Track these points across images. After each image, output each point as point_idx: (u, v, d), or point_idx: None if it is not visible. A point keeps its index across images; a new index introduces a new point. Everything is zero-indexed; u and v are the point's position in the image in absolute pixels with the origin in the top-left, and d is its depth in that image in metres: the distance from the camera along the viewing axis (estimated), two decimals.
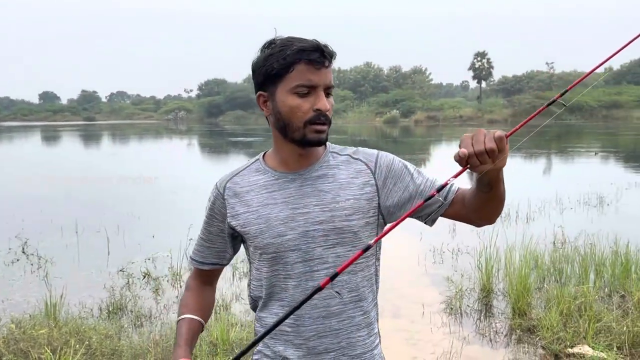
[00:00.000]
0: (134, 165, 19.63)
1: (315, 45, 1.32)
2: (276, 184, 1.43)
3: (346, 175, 1.43)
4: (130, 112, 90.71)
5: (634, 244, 6.32)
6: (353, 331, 1.43)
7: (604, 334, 4.13)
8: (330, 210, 1.39)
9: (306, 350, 1.42)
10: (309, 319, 1.41)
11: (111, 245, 7.47)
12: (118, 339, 4.31)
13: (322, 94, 1.35)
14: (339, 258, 1.39)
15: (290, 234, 1.39)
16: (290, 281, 1.42)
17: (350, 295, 1.43)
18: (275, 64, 1.33)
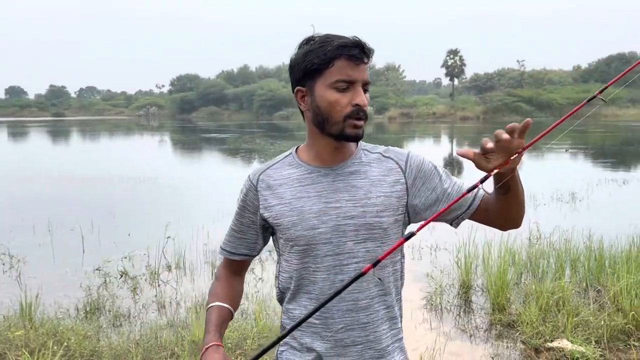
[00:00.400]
0: (106, 163, 19.32)
1: (356, 42, 1.35)
2: (309, 177, 1.46)
3: (378, 172, 1.46)
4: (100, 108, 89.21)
5: (606, 239, 6.46)
6: (379, 325, 1.46)
7: (582, 328, 4.21)
8: (362, 206, 1.42)
9: (334, 342, 1.44)
10: (338, 311, 1.43)
11: (86, 244, 7.34)
12: (97, 339, 4.23)
13: (361, 90, 1.37)
14: (369, 253, 1.43)
15: (322, 227, 1.41)
16: (319, 274, 1.44)
17: (377, 289, 1.46)
18: (315, 59, 1.36)
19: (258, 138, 30.40)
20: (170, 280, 6.04)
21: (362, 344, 1.45)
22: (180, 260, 6.52)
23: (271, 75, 79.25)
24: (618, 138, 28.49)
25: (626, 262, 5.25)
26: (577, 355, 3.83)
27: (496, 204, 1.40)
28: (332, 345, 1.45)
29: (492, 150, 1.23)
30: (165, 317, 4.94)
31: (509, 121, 1.33)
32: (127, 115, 79.73)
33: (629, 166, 16.99)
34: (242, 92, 69.80)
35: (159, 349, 4.00)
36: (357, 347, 1.45)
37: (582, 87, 59.82)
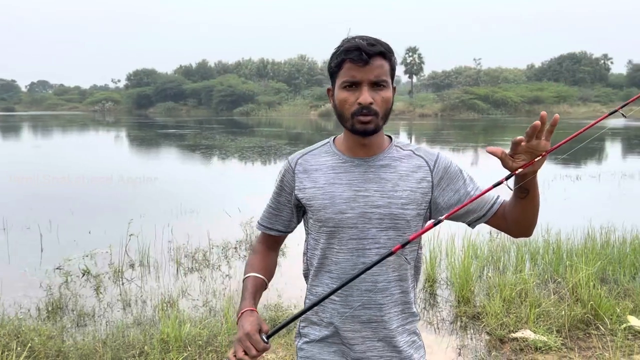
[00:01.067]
0: (60, 159, 18.79)
1: (356, 46, 1.47)
2: (343, 166, 1.59)
3: (407, 168, 1.59)
4: (53, 103, 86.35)
5: (563, 232, 6.71)
6: (392, 306, 1.60)
7: (544, 318, 4.35)
8: (389, 197, 1.55)
9: (351, 319, 1.58)
10: (357, 290, 1.57)
11: (45, 242, 7.14)
12: (61, 340, 4.13)
13: (365, 89, 1.49)
14: (390, 240, 1.55)
15: (350, 213, 1.55)
16: (342, 255, 1.57)
17: (394, 274, 1.59)
18: (332, 63, 1.54)
19: (218, 134, 30.08)
20: (135, 278, 5.94)
21: (377, 322, 1.58)
22: (144, 258, 6.42)
23: (230, 71, 78.47)
24: (569, 135, 29.31)
25: (583, 254, 5.46)
26: (539, 345, 3.96)
27: (514, 209, 1.52)
28: (349, 321, 1.58)
29: (522, 151, 1.35)
30: (132, 315, 4.86)
31: (466, 118, 1.38)
32: (81, 110, 77.49)
33: (580, 163, 17.58)
34: (201, 88, 68.77)
35: (127, 347, 3.94)
36: (372, 324, 1.58)
37: (536, 86, 61.59)
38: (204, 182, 13.30)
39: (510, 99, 55.31)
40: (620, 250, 5.97)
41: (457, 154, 19.69)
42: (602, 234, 6.59)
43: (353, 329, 1.58)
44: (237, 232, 7.44)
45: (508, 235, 1.63)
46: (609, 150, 22.12)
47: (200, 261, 6.45)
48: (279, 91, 67.25)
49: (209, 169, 16.66)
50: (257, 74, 76.97)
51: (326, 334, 1.62)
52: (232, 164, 17.54)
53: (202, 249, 6.79)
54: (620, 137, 27.61)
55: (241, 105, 62.45)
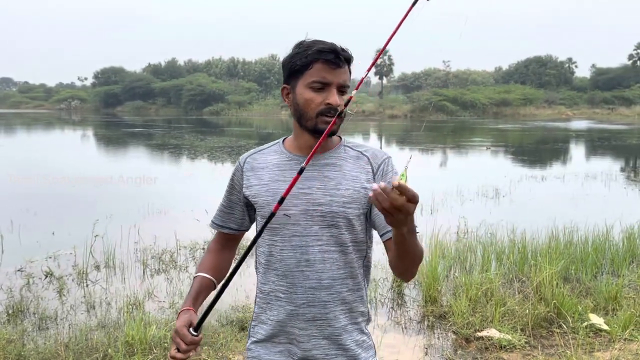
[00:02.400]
0: (23, 159, 18.33)
1: (332, 48, 1.52)
2: (288, 164, 1.62)
3: (352, 168, 1.61)
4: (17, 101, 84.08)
5: (529, 232, 6.82)
6: (338, 305, 1.59)
7: (509, 317, 4.42)
8: (331, 195, 1.56)
9: (296, 316, 1.58)
10: (301, 288, 1.57)
11: (5, 243, 6.93)
12: (22, 343, 4.03)
13: (334, 91, 1.54)
14: (332, 237, 1.57)
15: (292, 210, 1.57)
16: (286, 252, 1.58)
17: (340, 272, 1.59)
18: (298, 61, 1.55)
19: (187, 133, 29.77)
20: (100, 280, 5.83)
21: (322, 320, 1.58)
22: (109, 259, 6.31)
23: (200, 70, 77.69)
24: (535, 137, 30.03)
25: (547, 254, 5.56)
26: (504, 343, 4.03)
27: (391, 252, 1.50)
28: (295, 319, 1.59)
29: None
30: (96, 317, 4.76)
31: (435, 120, 1.38)
32: (47, 109, 75.65)
33: (545, 163, 17.96)
34: (170, 87, 67.89)
35: (91, 350, 3.86)
36: (317, 322, 1.58)
37: (503, 88, 62.61)
38: (172, 182, 13.13)
39: (479, 101, 56.14)
40: (582, 249, 6.11)
41: (428, 154, 19.90)
42: (565, 233, 6.73)
43: (298, 326, 1.58)
44: (204, 233, 7.35)
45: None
46: (574, 151, 22.65)
47: (167, 262, 6.37)
48: (250, 91, 66.91)
49: (177, 169, 16.47)
50: (227, 73, 76.45)
51: (272, 333, 1.62)
52: (201, 164, 17.38)
53: (169, 250, 6.71)
54: (584, 139, 28.29)
55: (211, 104, 61.93)
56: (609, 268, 5.85)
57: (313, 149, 1.50)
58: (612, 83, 63.09)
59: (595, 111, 57.14)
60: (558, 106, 59.30)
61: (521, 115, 54.26)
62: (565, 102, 61.29)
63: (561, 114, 55.75)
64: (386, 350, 4.13)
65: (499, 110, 56.11)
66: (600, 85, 64.88)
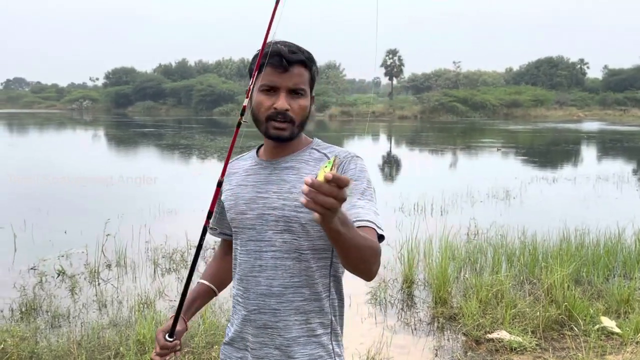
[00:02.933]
0: (36, 158, 18.49)
1: (277, 51, 1.46)
2: (253, 169, 1.61)
3: (310, 171, 1.53)
4: (29, 101, 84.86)
5: (539, 234, 6.78)
6: (291, 314, 1.51)
7: (519, 319, 4.41)
8: (284, 199, 1.50)
9: (249, 322, 1.54)
10: (253, 294, 1.53)
11: (18, 242, 7.00)
12: (35, 341, 4.07)
13: (282, 95, 1.48)
14: (286, 244, 1.50)
15: (249, 214, 1.54)
16: (243, 256, 1.56)
17: (293, 280, 1.50)
18: (253, 64, 1.52)
19: (197, 134, 29.89)
20: (111, 279, 5.88)
21: (272, 329, 1.51)
22: (120, 258, 6.35)
23: (210, 70, 77.99)
24: (545, 138, 29.86)
25: (558, 256, 5.54)
26: (515, 345, 4.02)
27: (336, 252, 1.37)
28: (248, 325, 1.55)
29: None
30: (107, 316, 4.80)
31: (445, 121, 1.34)
32: (58, 108, 76.27)
33: (556, 165, 17.85)
34: (181, 87, 68.20)
35: (103, 349, 3.89)
36: (268, 330, 1.52)
37: (514, 89, 62.28)
38: (182, 182, 13.19)
39: (489, 102, 55.88)
40: (594, 252, 6.07)
41: (439, 155, 19.84)
42: (576, 236, 6.69)
43: (251, 333, 1.54)
44: None
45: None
46: (585, 153, 22.50)
47: (178, 262, 6.40)
48: None
49: (187, 168, 16.55)
50: (237, 73, 76.60)
51: (233, 336, 1.60)
52: (211, 164, 17.43)
53: (179, 250, 6.74)
54: (596, 141, 28.09)
55: (221, 105, 62.08)
56: (621, 271, 5.81)
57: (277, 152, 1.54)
58: (625, 84, 62.58)
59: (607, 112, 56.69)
60: (569, 107, 58.89)
61: (532, 116, 53.94)
62: (577, 103, 60.85)
63: (572, 115, 55.35)
64: (396, 351, 4.13)
65: (509, 112, 55.81)
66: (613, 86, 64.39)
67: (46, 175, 13.22)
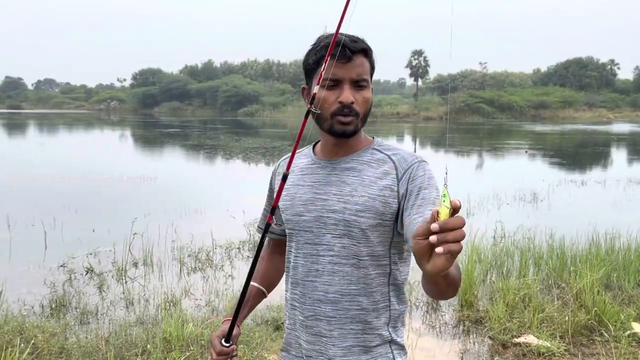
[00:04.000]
0: (65, 157, 18.85)
1: (338, 41, 1.35)
2: (310, 168, 1.53)
3: (372, 173, 1.45)
4: (59, 101, 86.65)
5: (568, 238, 6.67)
6: (346, 323, 1.45)
7: (547, 323, 4.33)
8: (345, 202, 1.44)
9: (306, 329, 1.50)
10: (309, 299, 1.49)
11: (49, 240, 7.14)
12: (64, 337, 4.14)
13: (346, 87, 1.41)
14: (345, 249, 1.44)
15: (306, 216, 1.48)
16: (299, 259, 1.51)
17: (351, 287, 1.45)
18: (310, 59, 1.46)
19: (222, 134, 30.13)
20: (138, 277, 5.95)
21: (327, 337, 1.46)
22: (147, 257, 6.43)
23: (236, 71, 78.59)
24: (574, 140, 29.35)
25: (587, 260, 5.43)
26: (542, 350, 3.95)
27: (424, 278, 1.25)
28: (305, 331, 1.50)
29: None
30: (134, 314, 4.86)
31: (471, 122, 1.27)
32: (87, 109, 77.74)
33: (585, 168, 17.53)
34: (206, 88, 68.92)
35: (130, 346, 3.94)
36: (322, 338, 1.47)
37: (542, 90, 61.41)
38: (208, 182, 13.32)
39: (516, 103, 55.18)
40: (625, 256, 5.94)
41: (464, 157, 19.66)
42: (606, 240, 6.56)
43: (308, 340, 1.50)
44: (240, 233, 7.45)
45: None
46: (615, 156, 22.05)
47: (204, 261, 6.46)
48: (284, 92, 67.25)
49: (213, 169, 16.68)
50: (262, 74, 77.11)
51: (289, 341, 1.57)
52: (236, 165, 17.56)
53: (205, 249, 6.80)
54: (626, 143, 27.52)
55: (246, 105, 62.52)
56: None
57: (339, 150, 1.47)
58: None
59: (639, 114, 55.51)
60: (599, 109, 57.82)
61: (560, 118, 53.10)
62: (607, 104, 59.69)
63: (602, 116, 54.34)
64: (421, 354, 4.10)
65: (537, 113, 55.04)
66: None
67: (75, 174, 13.48)
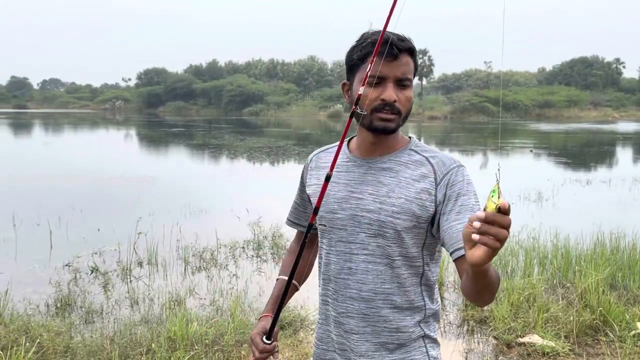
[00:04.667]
0: (70, 157, 18.90)
1: (386, 39, 1.36)
2: (346, 165, 1.53)
3: (409, 175, 1.45)
4: (64, 101, 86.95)
5: (572, 237, 6.65)
6: (379, 321, 1.48)
7: (552, 323, 4.32)
8: (381, 202, 1.44)
9: (338, 325, 1.52)
10: (342, 296, 1.50)
11: (54, 239, 7.17)
12: (70, 336, 4.16)
13: (390, 86, 1.41)
14: (379, 248, 1.45)
15: (340, 214, 1.48)
16: (331, 257, 1.52)
17: (384, 286, 1.47)
18: (354, 55, 1.45)
19: (227, 134, 30.16)
20: (143, 276, 5.97)
21: (359, 334, 1.49)
22: (152, 256, 6.44)
23: (240, 71, 78.69)
24: (579, 139, 29.25)
25: (592, 260, 5.42)
26: (547, 350, 3.94)
27: (464, 278, 1.31)
28: (337, 327, 1.53)
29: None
30: (139, 313, 4.88)
31: (476, 121, 1.29)
32: (92, 108, 77.95)
33: (590, 167, 17.47)
34: (211, 87, 69.01)
35: (135, 345, 3.96)
36: (354, 335, 1.49)
37: (547, 89, 61.25)
38: (212, 181, 13.34)
39: (521, 102, 55.04)
40: (630, 256, 5.91)
41: (468, 156, 19.61)
42: (612, 239, 6.54)
43: (340, 335, 1.52)
44: (245, 232, 7.46)
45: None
46: (620, 155, 21.97)
47: (208, 260, 6.47)
48: (288, 92, 67.29)
49: (217, 168, 16.70)
50: (266, 74, 77.15)
51: (321, 336, 1.59)
52: (241, 164, 17.57)
53: (210, 248, 6.81)
54: (632, 142, 27.40)
55: (250, 105, 62.57)
56: None
57: (372, 148, 1.49)
58: None
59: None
60: (604, 108, 57.66)
61: (565, 117, 52.95)
62: (612, 103, 59.53)
63: (607, 116, 54.15)
64: None
65: (541, 112, 54.88)
66: None
67: (80, 174, 13.53)
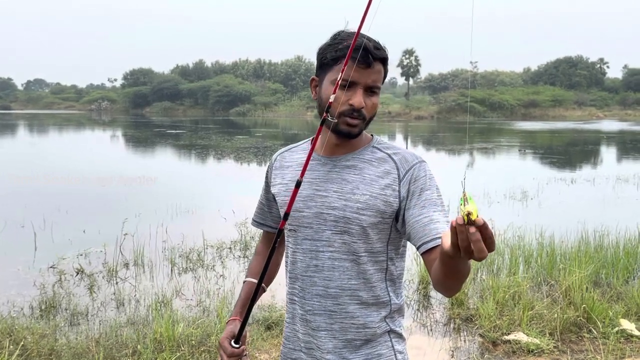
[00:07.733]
0: (55, 158, 18.73)
1: (361, 45, 1.37)
2: (311, 164, 1.51)
3: (373, 172, 1.48)
4: (49, 102, 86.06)
5: (557, 235, 6.72)
6: (346, 317, 1.49)
7: (537, 321, 4.37)
8: (346, 199, 1.46)
9: (306, 323, 1.53)
10: (309, 294, 1.51)
11: (39, 241, 7.10)
12: (54, 338, 4.12)
13: (360, 92, 1.42)
14: (345, 245, 1.47)
15: (306, 212, 1.50)
16: (297, 255, 1.53)
17: (350, 282, 1.48)
18: (328, 54, 1.45)
19: (214, 134, 30.05)
20: (129, 278, 5.93)
21: (326, 331, 1.50)
22: (138, 257, 6.41)
23: (227, 71, 78.38)
24: (564, 138, 29.52)
25: (576, 257, 5.47)
26: (532, 347, 3.98)
27: (437, 268, 1.27)
28: (305, 325, 1.53)
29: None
30: (125, 314, 4.85)
31: (462, 121, 1.31)
32: (77, 109, 77.27)
33: (575, 166, 17.65)
34: (198, 88, 68.69)
35: (120, 347, 3.93)
36: (321, 332, 1.50)
37: (532, 89, 61.79)
38: (199, 182, 13.29)
39: (507, 102, 55.46)
40: (613, 253, 6.00)
41: (455, 156, 19.73)
42: (595, 237, 6.62)
43: (309, 334, 1.53)
44: (231, 233, 7.44)
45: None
46: (604, 154, 22.21)
47: (195, 261, 6.45)
48: (276, 92, 67.20)
49: (204, 169, 16.64)
50: (253, 74, 76.92)
51: (288, 335, 1.59)
52: (228, 165, 17.53)
53: (196, 249, 6.79)
54: (615, 141, 27.71)
55: (237, 105, 62.41)
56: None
57: (341, 151, 1.47)
58: None
59: (628, 112, 56.01)
60: (588, 107, 58.29)
61: (550, 116, 53.43)
62: (596, 103, 60.20)
63: (592, 115, 54.74)
64: (412, 352, 4.09)
65: (527, 112, 55.35)
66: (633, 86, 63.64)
67: (65, 175, 13.38)
